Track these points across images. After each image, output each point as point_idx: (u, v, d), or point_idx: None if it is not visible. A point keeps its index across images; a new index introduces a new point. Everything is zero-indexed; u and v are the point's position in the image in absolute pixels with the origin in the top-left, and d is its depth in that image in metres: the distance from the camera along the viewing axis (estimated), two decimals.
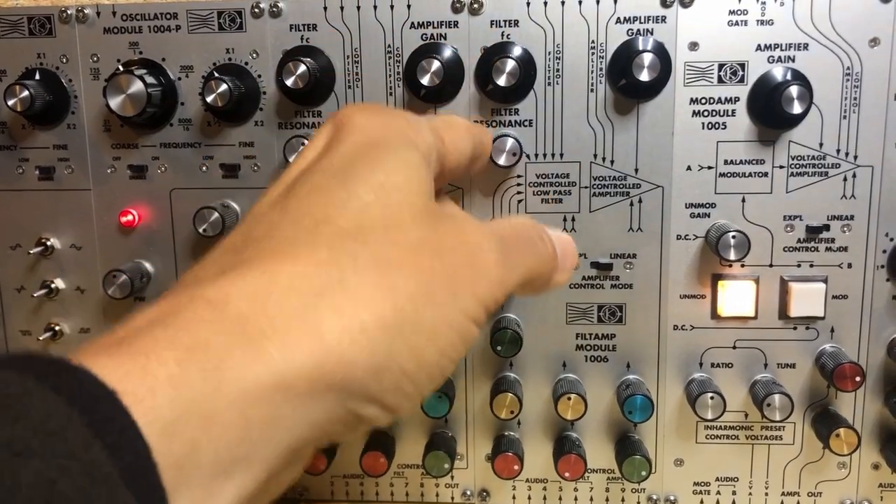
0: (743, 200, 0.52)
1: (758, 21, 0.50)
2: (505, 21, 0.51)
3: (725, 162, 0.51)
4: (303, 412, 0.28)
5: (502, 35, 0.51)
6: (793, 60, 0.50)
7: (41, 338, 0.57)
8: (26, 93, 0.51)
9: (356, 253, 0.30)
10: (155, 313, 0.28)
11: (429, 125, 0.37)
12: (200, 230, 0.52)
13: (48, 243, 0.56)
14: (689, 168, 0.52)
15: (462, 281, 0.31)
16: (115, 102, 0.50)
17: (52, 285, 0.56)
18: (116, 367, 0.24)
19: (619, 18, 0.50)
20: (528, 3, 0.50)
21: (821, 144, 0.51)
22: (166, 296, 0.29)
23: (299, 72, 0.49)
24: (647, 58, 0.48)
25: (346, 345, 0.28)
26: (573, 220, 0.53)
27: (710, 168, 0.52)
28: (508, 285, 0.34)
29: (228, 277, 0.29)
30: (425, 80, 0.49)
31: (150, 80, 0.51)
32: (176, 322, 0.27)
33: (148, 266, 0.56)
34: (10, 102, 0.51)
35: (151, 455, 0.23)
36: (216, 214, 0.52)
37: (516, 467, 0.54)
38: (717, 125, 0.51)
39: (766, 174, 0.51)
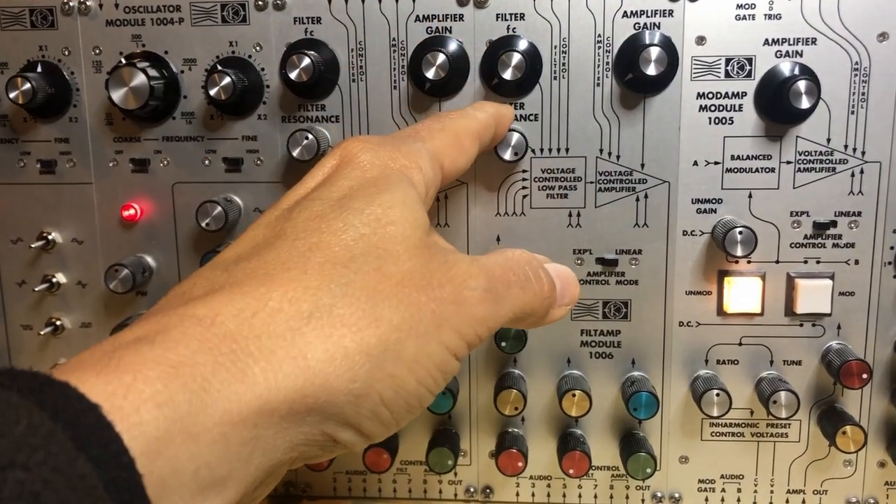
0: (750, 196, 0.51)
1: (765, 15, 0.49)
2: (511, 14, 0.50)
3: (732, 157, 0.51)
4: (282, 435, 0.28)
5: (508, 28, 0.50)
6: (801, 55, 0.49)
7: (42, 332, 0.56)
8: (28, 85, 0.51)
9: (347, 281, 0.30)
10: (143, 330, 0.28)
11: (430, 154, 0.39)
12: (203, 224, 0.52)
13: (49, 237, 0.55)
14: (695, 163, 0.51)
15: (446, 316, 0.32)
16: (117, 95, 0.50)
17: (54, 279, 0.56)
18: (103, 384, 0.24)
19: (625, 12, 0.50)
20: None
21: (828, 140, 0.50)
22: (154, 312, 0.30)
23: (303, 65, 0.49)
24: (654, 52, 0.48)
25: (330, 370, 0.28)
26: (578, 215, 0.52)
27: (716, 163, 0.51)
28: (495, 322, 0.34)
29: (218, 296, 0.29)
30: (430, 74, 0.49)
31: (152, 72, 0.51)
32: (164, 341, 0.27)
33: (150, 260, 0.55)
34: (12, 95, 0.51)
35: (136, 467, 0.23)
36: (219, 208, 0.52)
37: (520, 464, 0.53)
38: (724, 120, 0.51)
39: (773, 170, 0.51)
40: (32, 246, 0.55)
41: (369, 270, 0.31)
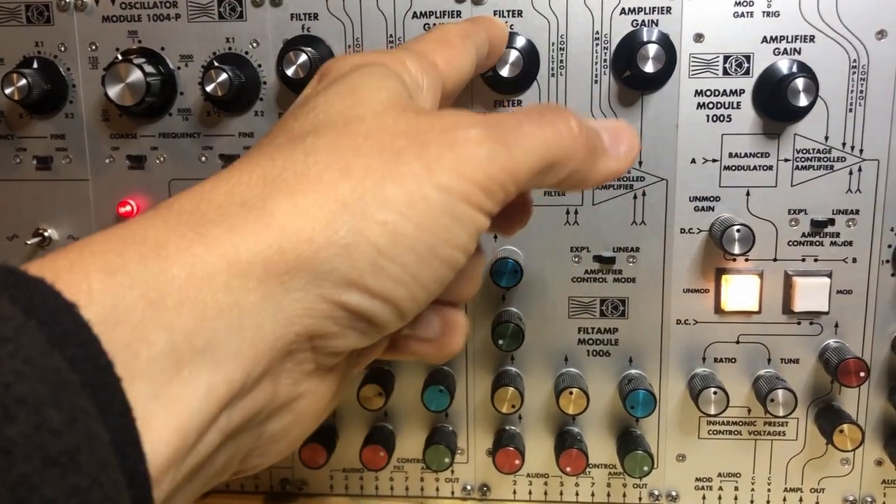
0: (747, 194, 0.51)
1: (764, 13, 0.49)
2: (508, 11, 0.50)
3: (730, 155, 0.51)
4: (269, 302, 0.26)
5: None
6: (799, 53, 0.49)
7: None
8: (24, 81, 0.51)
9: (308, 144, 0.29)
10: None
11: (415, 52, 0.36)
12: None
13: (46, 234, 0.55)
14: (693, 161, 0.51)
15: (436, 156, 0.28)
16: (113, 91, 0.50)
17: None
18: (49, 264, 0.23)
19: (623, 9, 0.50)
20: None
21: (826, 138, 0.50)
22: None
23: (300, 61, 0.49)
24: (652, 49, 0.48)
25: (302, 222, 0.26)
26: (576, 212, 0.52)
27: (714, 161, 0.51)
28: (515, 164, 0.30)
29: (179, 193, 0.28)
30: None
31: (149, 69, 0.50)
32: (115, 226, 0.26)
33: None
34: (8, 91, 0.51)
35: (115, 370, 0.22)
36: None
37: (517, 462, 0.53)
38: (721, 117, 0.51)
39: (770, 167, 0.51)
40: (28, 242, 0.55)
41: (332, 132, 0.29)
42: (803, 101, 0.48)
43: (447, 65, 0.37)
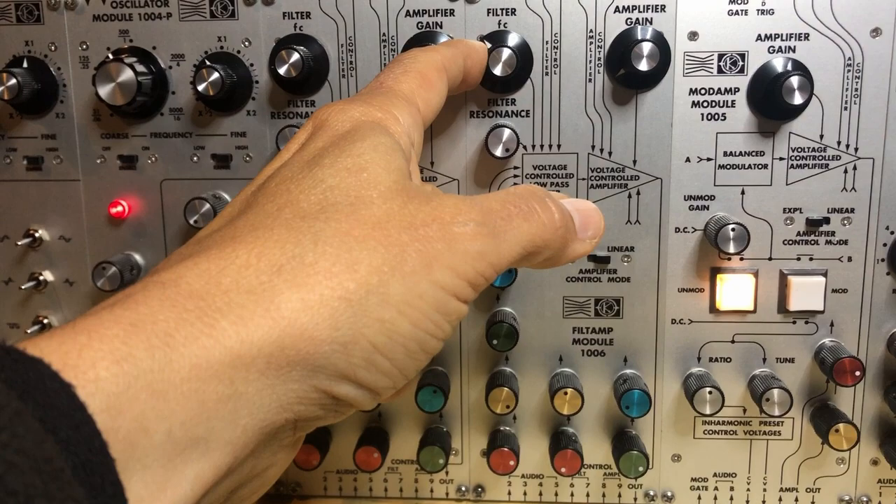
0: (742, 193, 0.51)
1: (758, 10, 0.49)
2: (502, 9, 0.50)
3: (725, 153, 0.51)
4: (266, 392, 0.27)
5: (499, 24, 0.50)
6: (793, 51, 0.49)
7: (29, 331, 0.56)
8: (14, 81, 0.50)
9: (317, 230, 0.29)
10: (108, 301, 0.27)
11: (404, 100, 0.37)
12: (191, 221, 0.51)
13: (36, 235, 0.55)
14: (688, 160, 0.51)
15: (434, 254, 0.30)
16: (104, 91, 0.49)
17: (41, 278, 0.55)
18: (57, 345, 0.23)
19: (617, 7, 0.49)
20: None
21: (821, 136, 0.50)
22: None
23: (292, 60, 0.49)
24: (647, 47, 0.47)
25: (307, 318, 0.27)
26: None
27: (709, 160, 0.51)
28: (497, 257, 0.32)
29: (184, 262, 0.28)
30: None
31: (140, 68, 0.50)
32: (124, 303, 0.26)
33: (138, 258, 0.55)
34: None
35: (108, 450, 0.22)
36: (207, 205, 0.51)
37: (512, 463, 0.53)
38: (716, 116, 0.50)
39: (765, 166, 0.51)
40: (19, 243, 0.54)
41: (341, 218, 0.29)
42: (798, 99, 0.48)
43: (426, 107, 0.39)
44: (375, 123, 0.34)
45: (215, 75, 0.49)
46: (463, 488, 0.57)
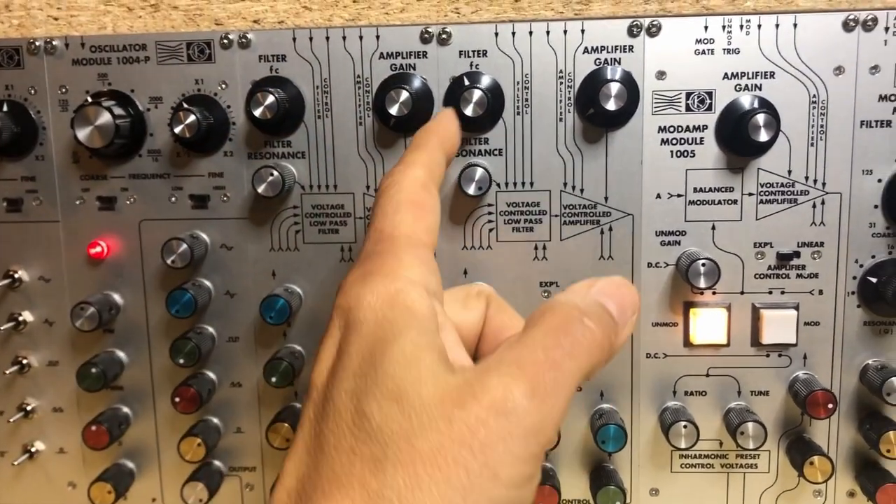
0: (713, 228, 0.52)
1: (724, 50, 0.50)
2: (473, 51, 0.51)
3: (695, 189, 0.52)
4: None
5: (471, 65, 0.51)
6: (759, 88, 0.50)
7: (8, 371, 0.56)
8: None
9: (390, 481, 0.29)
10: None
11: (412, 250, 0.35)
12: (169, 262, 0.52)
13: (16, 275, 0.55)
14: (658, 196, 0.52)
15: (497, 457, 0.29)
16: (82, 134, 0.50)
17: (20, 318, 0.56)
18: None
19: (586, 48, 0.50)
20: (497, 34, 0.51)
21: (789, 171, 0.51)
22: None
23: (267, 102, 0.49)
24: (615, 87, 0.48)
25: None
26: (544, 248, 0.53)
27: (679, 196, 0.52)
28: (559, 415, 0.30)
29: None
30: (394, 111, 0.49)
31: (118, 111, 0.51)
32: None
33: (117, 298, 0.55)
34: None
35: None
36: (185, 246, 0.52)
37: None
38: (685, 153, 0.51)
39: (735, 201, 0.52)
40: None
41: (401, 457, 0.30)
42: (764, 136, 0.48)
43: (429, 234, 0.37)
44: (401, 307, 0.33)
45: (192, 118, 0.50)
46: None
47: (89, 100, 0.52)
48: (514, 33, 0.50)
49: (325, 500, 0.30)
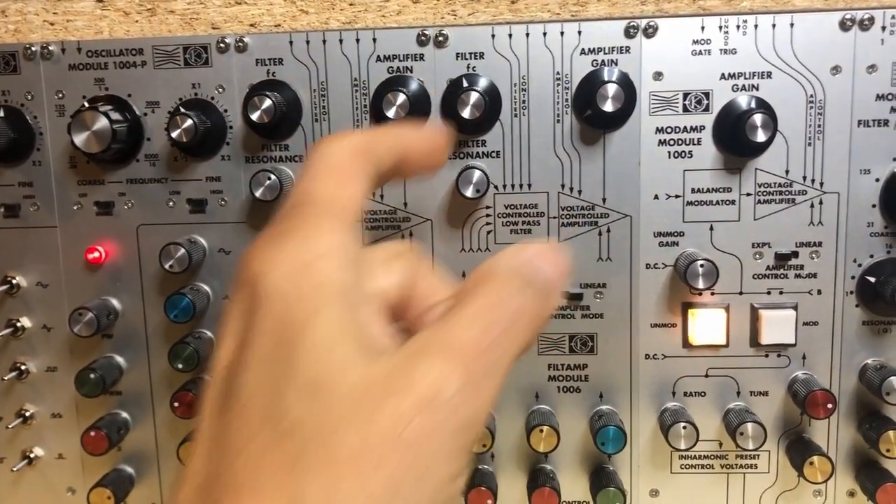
0: (711, 228, 0.52)
1: (721, 50, 0.50)
2: (470, 53, 0.51)
3: (692, 190, 0.52)
4: None
5: (468, 67, 0.51)
6: (757, 89, 0.50)
7: (7, 377, 0.56)
8: None
9: (302, 485, 0.27)
10: None
11: (327, 210, 0.32)
12: (167, 266, 0.52)
13: (14, 281, 0.55)
14: (656, 197, 0.52)
15: (426, 454, 0.27)
16: (79, 139, 0.50)
17: (18, 324, 0.56)
18: None
19: (583, 49, 0.50)
20: (493, 36, 0.51)
21: (787, 171, 0.51)
22: None
23: (264, 106, 0.49)
24: (612, 88, 0.48)
25: None
26: None
27: (677, 196, 0.52)
28: (492, 400, 0.28)
29: None
30: (391, 113, 0.49)
31: (115, 116, 0.51)
32: None
33: (115, 303, 0.55)
34: None
35: None
36: (182, 250, 0.51)
37: (490, 501, 0.53)
38: (683, 154, 0.51)
39: (733, 202, 0.52)
40: None
41: (321, 460, 0.27)
42: (762, 136, 0.48)
43: (353, 203, 0.33)
44: (310, 280, 0.30)
45: (189, 122, 0.50)
46: None
47: (86, 105, 0.52)
48: (510, 35, 0.50)
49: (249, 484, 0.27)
